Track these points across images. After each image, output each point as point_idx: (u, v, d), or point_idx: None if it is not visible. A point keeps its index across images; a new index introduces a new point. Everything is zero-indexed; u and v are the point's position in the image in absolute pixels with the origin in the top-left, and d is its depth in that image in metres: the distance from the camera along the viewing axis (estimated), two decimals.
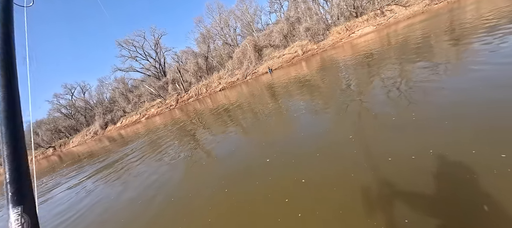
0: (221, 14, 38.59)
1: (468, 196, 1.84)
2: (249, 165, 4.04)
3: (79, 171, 11.01)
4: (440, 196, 1.94)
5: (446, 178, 2.10)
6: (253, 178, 3.52)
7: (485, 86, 3.43)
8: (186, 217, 3.23)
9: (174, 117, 19.11)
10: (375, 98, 4.73)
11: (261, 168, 3.72)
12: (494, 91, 3.21)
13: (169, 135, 10.71)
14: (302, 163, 3.38)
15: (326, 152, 3.40)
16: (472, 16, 9.84)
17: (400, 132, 3.14)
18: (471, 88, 3.57)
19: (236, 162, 4.47)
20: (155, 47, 41.54)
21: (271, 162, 3.79)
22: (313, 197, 2.57)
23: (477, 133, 2.50)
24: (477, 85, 3.58)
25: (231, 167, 4.27)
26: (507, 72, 3.60)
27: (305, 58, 23.23)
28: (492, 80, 3.54)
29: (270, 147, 4.44)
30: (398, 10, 22.33)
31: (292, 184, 2.95)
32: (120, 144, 15.42)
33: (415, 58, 6.54)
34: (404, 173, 2.36)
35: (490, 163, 2.03)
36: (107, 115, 39.77)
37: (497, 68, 3.90)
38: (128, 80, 45.11)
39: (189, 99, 32.07)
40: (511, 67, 3.72)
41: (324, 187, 2.66)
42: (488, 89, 3.33)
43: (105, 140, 25.66)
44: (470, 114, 2.92)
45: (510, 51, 4.40)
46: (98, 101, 46.54)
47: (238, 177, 3.77)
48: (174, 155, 6.68)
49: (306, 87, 8.91)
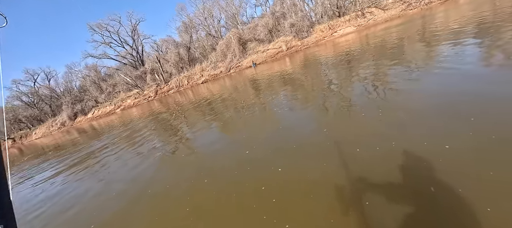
0: (205, 3, 37.16)
1: (420, 179, 2.12)
2: (229, 157, 4.00)
3: (43, 165, 10.02)
4: (398, 180, 2.18)
5: (403, 165, 2.35)
6: (232, 169, 3.51)
7: (443, 88, 3.75)
8: (163, 208, 3.13)
9: (153, 109, 18.21)
10: (352, 95, 4.93)
11: (240, 160, 3.71)
12: (451, 93, 3.51)
13: (147, 128, 10.18)
14: (280, 154, 3.44)
15: (303, 144, 3.48)
16: (441, 22, 10.67)
17: (368, 126, 3.32)
18: (432, 89, 3.87)
19: (216, 154, 4.40)
20: (132, 34, 38.80)
21: (250, 154, 3.80)
22: (288, 184, 2.72)
23: (430, 129, 2.80)
24: (437, 87, 3.89)
25: (211, 159, 4.20)
26: (462, 75, 3.96)
27: (289, 54, 23.45)
28: (449, 83, 3.87)
29: (250, 139, 4.42)
30: (377, 12, 23.42)
31: (269, 173, 3.05)
32: (92, 137, 14.33)
33: (390, 59, 6.92)
34: (368, 161, 2.60)
35: (437, 152, 2.36)
36: (77, 105, 36.56)
37: (455, 72, 4.27)
38: (101, 67, 41.77)
39: (169, 90, 30.74)
40: (466, 71, 4.10)
41: (298, 175, 2.82)
42: (446, 90, 3.64)
43: (75, 132, 23.67)
44: (428, 113, 3.17)
45: (468, 57, 4.84)
46: (65, 90, 42.49)
47: (218, 169, 3.72)
48: (152, 148, 6.37)
49: (289, 83, 9.00)
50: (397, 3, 22.75)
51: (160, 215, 3.04)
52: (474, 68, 4.28)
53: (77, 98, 38.23)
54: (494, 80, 3.56)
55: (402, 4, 22.30)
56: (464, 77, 3.98)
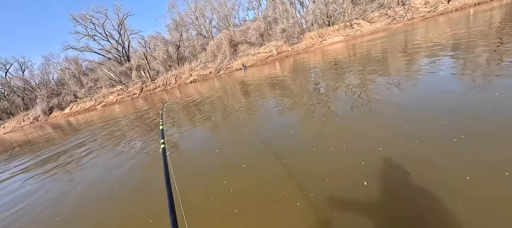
0: (197, 2, 36.72)
1: (397, 183, 2.09)
2: (210, 161, 3.85)
3: (8, 162, 9.16)
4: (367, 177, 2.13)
5: (374, 165, 2.41)
6: (213, 173, 3.37)
7: (420, 96, 3.91)
8: (128, 206, 2.91)
9: (137, 106, 17.47)
10: (337, 102, 5.00)
11: (221, 164, 3.59)
12: (427, 99, 3.67)
13: (129, 125, 9.69)
14: (262, 155, 3.37)
15: (289, 149, 3.44)
16: (421, 38, 11.30)
17: (349, 133, 3.36)
18: (410, 97, 4.03)
19: (198, 156, 4.22)
20: (118, 28, 37.29)
21: (226, 155, 3.68)
22: (257, 181, 2.69)
23: (407, 136, 2.85)
24: (415, 95, 4.06)
25: (193, 161, 4.03)
26: (438, 85, 4.17)
27: (279, 59, 23.69)
28: (425, 92, 4.05)
29: (237, 143, 4.31)
30: (364, 24, 24.44)
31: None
32: (68, 133, 13.40)
33: (374, 69, 7.16)
34: (344, 160, 2.55)
35: (403, 151, 2.54)
36: (53, 99, 34.22)
37: (432, 81, 4.49)
38: (83, 61, 39.62)
39: (156, 89, 29.78)
40: (441, 81, 4.32)
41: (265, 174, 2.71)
42: (423, 97, 3.80)
43: (49, 127, 22.06)
44: (406, 118, 3.27)
45: (444, 68, 5.13)
46: (41, 82, 39.71)
47: (195, 172, 3.57)
48: (132, 147, 6.02)
49: (278, 86, 9.02)
50: (382, 17, 23.90)
51: (125, 212, 2.83)
52: (449, 78, 4.52)
53: (54, 92, 35.80)
54: (465, 90, 3.77)
55: (387, 18, 23.46)
56: (439, 87, 4.18)
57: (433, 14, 21.38)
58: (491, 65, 4.71)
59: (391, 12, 23.73)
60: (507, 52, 5.35)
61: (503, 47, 5.81)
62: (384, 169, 2.45)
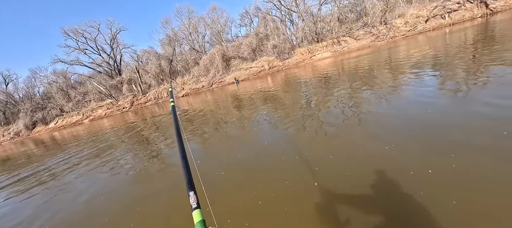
0: (190, 19, 37.64)
1: (390, 194, 2.16)
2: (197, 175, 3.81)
3: None
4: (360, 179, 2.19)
5: (367, 171, 2.46)
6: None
7: (403, 107, 4.15)
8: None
9: (127, 120, 17.08)
10: (327, 114, 5.17)
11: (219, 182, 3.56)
12: (412, 116, 3.89)
13: (116, 141, 9.42)
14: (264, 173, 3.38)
15: (283, 164, 3.49)
16: (403, 54, 12.04)
17: (339, 144, 3.48)
18: (394, 108, 4.25)
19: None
20: (111, 42, 37.25)
21: (228, 176, 3.67)
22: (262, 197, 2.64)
23: (397, 146, 2.99)
24: (400, 111, 4.29)
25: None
26: (419, 97, 4.45)
27: (270, 73, 24.26)
28: (407, 104, 4.30)
29: (230, 158, 4.31)
30: (350, 41, 25.79)
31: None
32: (51, 149, 12.79)
33: (361, 83, 7.51)
34: (337, 170, 2.61)
35: (392, 155, 2.48)
36: (38, 113, 32.85)
37: (414, 95, 4.78)
38: (72, 74, 38.78)
39: (147, 102, 29.38)
40: (427, 99, 4.61)
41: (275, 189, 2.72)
42: (405, 109, 4.03)
43: (30, 143, 20.97)
44: (391, 129, 3.44)
45: (425, 83, 5.48)
46: (25, 96, 38.26)
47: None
48: (119, 164, 5.84)
49: (270, 100, 9.19)
50: (367, 35, 25.36)
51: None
52: (429, 92, 4.82)
53: (39, 106, 34.43)
54: (445, 103, 4.04)
55: (371, 36, 24.91)
56: (421, 99, 4.45)
57: (413, 33, 22.95)
58: (467, 79, 5.09)
59: (374, 30, 25.27)
60: (482, 65, 5.81)
61: (477, 61, 6.31)
62: (371, 176, 2.54)
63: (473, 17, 21.35)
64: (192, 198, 0.83)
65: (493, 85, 4.30)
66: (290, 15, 36.33)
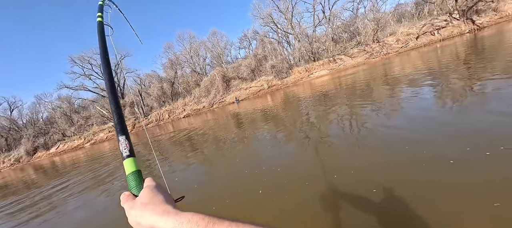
0: (192, 43, 39.41)
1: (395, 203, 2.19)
2: (201, 199, 3.82)
3: None
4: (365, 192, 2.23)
5: (371, 185, 2.48)
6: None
7: (406, 125, 4.25)
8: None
9: None
10: (329, 130, 5.27)
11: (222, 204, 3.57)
12: (413, 129, 3.99)
13: (116, 164, 9.41)
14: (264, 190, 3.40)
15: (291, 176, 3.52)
16: (398, 69, 12.45)
17: (343, 156, 3.54)
18: (394, 122, 4.36)
19: (190, 194, 4.18)
20: (115, 68, 38.59)
21: (233, 202, 3.69)
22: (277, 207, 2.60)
23: (395, 156, 3.05)
24: (401, 124, 4.40)
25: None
26: (420, 115, 4.57)
27: (270, 92, 24.78)
28: (407, 117, 4.42)
29: (231, 180, 4.33)
30: (346, 59, 26.71)
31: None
32: (50, 175, 12.69)
33: (360, 99, 7.71)
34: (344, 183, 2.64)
35: (394, 168, 2.53)
36: (39, 138, 32.95)
37: (415, 113, 4.91)
38: (76, 99, 39.63)
39: (148, 124, 29.61)
40: (425, 113, 4.75)
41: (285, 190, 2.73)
42: (406, 127, 4.13)
43: (30, 169, 20.78)
44: (393, 143, 3.52)
45: (423, 96, 5.65)
46: (29, 121, 38.69)
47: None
48: (118, 188, 5.83)
49: (270, 118, 9.35)
50: (361, 52, 26.33)
51: None
52: (427, 105, 4.95)
53: (41, 131, 34.69)
54: (443, 114, 4.15)
55: (365, 53, 25.86)
56: (421, 112, 4.58)
57: (406, 49, 23.85)
58: (463, 91, 5.23)
59: (368, 48, 26.30)
60: (475, 77, 6.00)
61: (470, 73, 6.54)
62: (379, 193, 2.58)
63: (461, 32, 22.34)
64: (122, 144, 0.63)
65: (490, 96, 4.40)
66: (287, 36, 38.04)
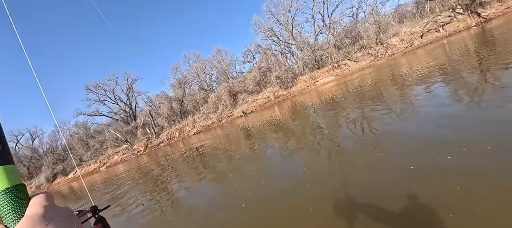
0: (198, 62, 40.83)
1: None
2: (222, 217, 3.83)
3: None
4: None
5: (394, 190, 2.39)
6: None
7: (421, 126, 4.16)
8: None
9: (140, 164, 17.48)
10: (341, 137, 5.22)
11: (236, 215, 3.58)
12: (429, 129, 3.90)
13: (131, 186, 9.61)
14: (280, 201, 3.38)
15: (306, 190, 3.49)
16: (406, 69, 12.25)
17: (357, 167, 3.48)
18: (411, 128, 4.27)
19: (209, 212, 4.20)
20: (127, 91, 40.43)
21: (247, 207, 3.69)
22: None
23: (413, 162, 2.97)
24: (416, 125, 4.31)
25: (204, 220, 3.99)
26: (438, 112, 4.46)
27: (277, 103, 24.88)
28: (424, 121, 4.32)
29: (246, 193, 4.34)
30: (350, 64, 26.63)
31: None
32: (69, 200, 13.08)
33: (370, 101, 7.62)
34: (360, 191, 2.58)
35: (415, 170, 2.44)
36: (58, 165, 34.29)
37: (431, 110, 4.80)
38: (91, 124, 41.37)
39: (160, 144, 30.22)
40: (440, 109, 4.63)
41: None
42: (423, 128, 4.03)
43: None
44: (410, 148, 3.44)
45: (437, 94, 5.53)
46: (49, 149, 40.51)
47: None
48: (133, 209, 5.94)
49: (279, 129, 9.36)
50: (366, 56, 26.21)
51: None
52: (444, 103, 4.80)
53: (59, 158, 36.17)
54: (459, 113, 4.04)
55: (370, 56, 25.71)
56: (436, 111, 4.47)
57: (411, 48, 23.54)
58: (480, 87, 5.02)
59: (372, 51, 26.18)
60: (490, 71, 5.81)
61: (484, 67, 6.36)
62: (402, 201, 2.52)
63: (467, 26, 21.89)
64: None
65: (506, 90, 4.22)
66: (289, 47, 38.67)
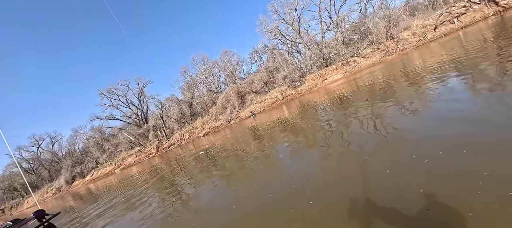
0: (206, 65, 41.40)
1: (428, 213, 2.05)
2: (231, 219, 3.89)
3: None
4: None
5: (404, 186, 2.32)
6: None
7: (436, 122, 4.01)
8: None
9: (153, 165, 17.97)
10: (352, 136, 5.13)
11: (248, 216, 3.62)
12: (445, 126, 3.75)
13: (144, 187, 9.91)
14: (295, 203, 3.39)
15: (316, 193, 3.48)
16: (419, 63, 11.82)
17: (369, 168, 3.41)
18: (426, 126, 4.13)
19: (219, 214, 4.27)
20: (138, 95, 41.70)
21: (259, 211, 3.72)
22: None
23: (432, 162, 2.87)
24: (431, 123, 4.16)
25: (214, 221, 4.06)
26: (456, 107, 4.29)
27: (285, 102, 24.74)
28: (439, 116, 4.16)
29: (257, 194, 4.37)
30: (360, 60, 26.01)
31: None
32: (86, 202, 13.67)
33: (380, 98, 7.43)
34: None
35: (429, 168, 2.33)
36: (76, 167, 35.93)
37: (446, 106, 4.62)
38: (106, 128, 43.02)
39: (171, 146, 30.90)
40: (457, 105, 4.45)
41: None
42: (438, 124, 3.89)
43: (69, 197, 22.55)
44: (428, 145, 3.33)
45: (455, 89, 5.30)
46: (67, 153, 42.54)
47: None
48: (147, 210, 6.13)
49: (288, 129, 9.32)
50: (376, 51, 25.51)
51: None
52: (463, 98, 4.57)
53: (78, 161, 37.89)
54: (480, 109, 3.87)
55: (380, 51, 25.00)
56: (453, 107, 4.30)
57: (424, 42, 22.65)
58: (500, 79, 4.73)
59: (382, 46, 25.43)
60: (510, 62, 5.48)
61: (504, 59, 6.03)
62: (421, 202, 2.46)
63: (485, 16, 20.77)
64: None
65: None
66: (296, 46, 38.36)
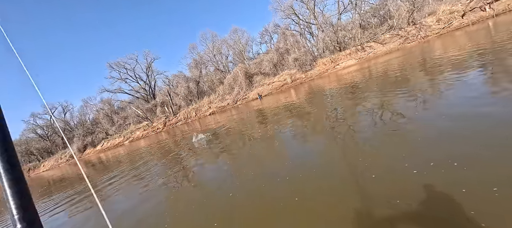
0: (214, 42, 40.36)
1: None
2: (233, 195, 3.88)
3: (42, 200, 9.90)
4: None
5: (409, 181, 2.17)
6: (237, 207, 3.38)
7: (448, 116, 3.72)
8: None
9: (160, 140, 18.42)
10: (360, 125, 4.91)
11: (245, 197, 3.59)
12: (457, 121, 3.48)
13: (152, 160, 10.19)
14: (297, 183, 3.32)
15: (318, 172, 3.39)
16: (440, 53, 11.02)
17: (376, 156, 3.24)
18: (440, 116, 3.84)
19: (219, 190, 4.28)
20: (146, 70, 41.72)
21: (254, 190, 3.68)
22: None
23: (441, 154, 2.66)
24: (443, 118, 3.87)
25: (216, 197, 4.08)
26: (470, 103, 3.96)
27: (293, 86, 24.20)
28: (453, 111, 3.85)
29: (256, 175, 4.33)
30: (376, 46, 24.64)
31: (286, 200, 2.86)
32: (99, 170, 14.34)
33: (393, 89, 7.04)
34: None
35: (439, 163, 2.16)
36: (88, 137, 37.50)
37: (462, 101, 4.28)
38: (115, 101, 43.90)
39: (177, 122, 31.44)
40: (473, 101, 4.10)
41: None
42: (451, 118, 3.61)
43: (82, 163, 23.80)
44: (436, 139, 3.10)
45: (473, 84, 4.89)
46: (79, 122, 44.17)
47: (221, 206, 3.59)
48: (155, 182, 6.29)
49: (294, 114, 9.12)
50: (394, 37, 24.00)
51: None
52: (480, 94, 4.29)
53: (88, 131, 39.41)
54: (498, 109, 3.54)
55: (399, 38, 23.50)
56: (470, 104, 3.98)
57: (448, 30, 21.03)
58: None
59: (402, 32, 23.84)
60: None
61: None
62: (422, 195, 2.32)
63: None
64: None
65: None
66: (309, 27, 36.55)
